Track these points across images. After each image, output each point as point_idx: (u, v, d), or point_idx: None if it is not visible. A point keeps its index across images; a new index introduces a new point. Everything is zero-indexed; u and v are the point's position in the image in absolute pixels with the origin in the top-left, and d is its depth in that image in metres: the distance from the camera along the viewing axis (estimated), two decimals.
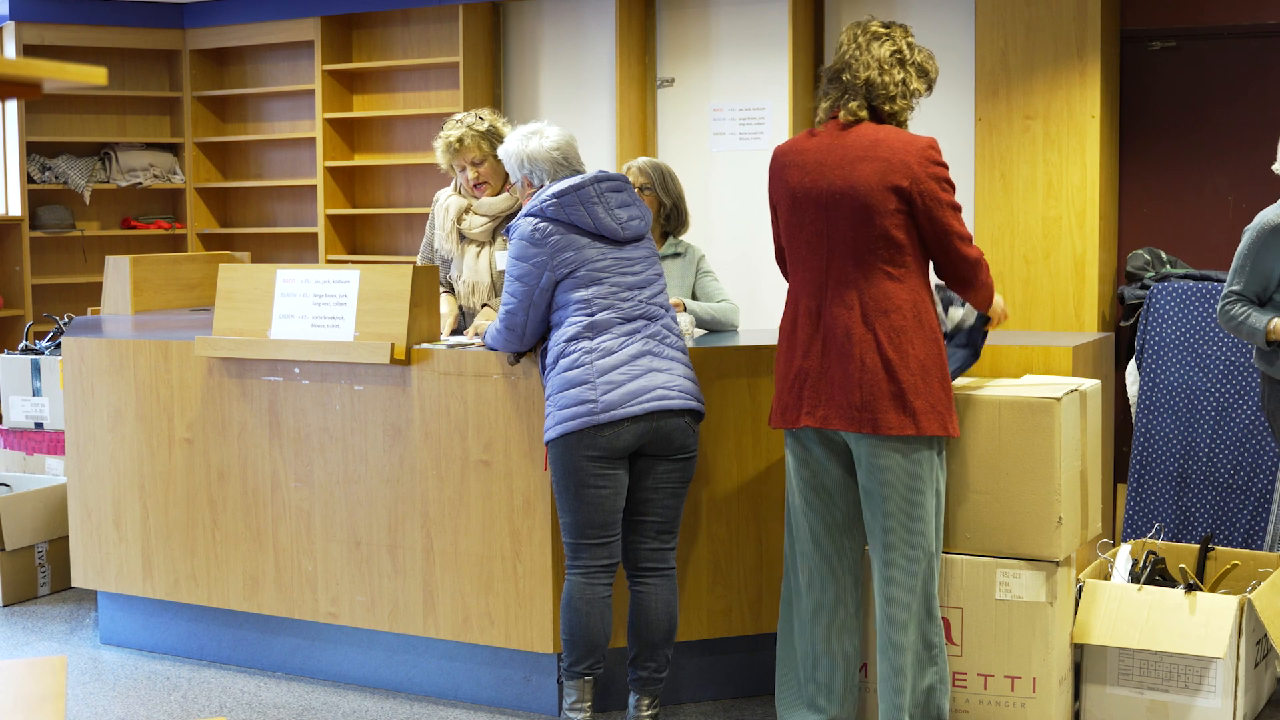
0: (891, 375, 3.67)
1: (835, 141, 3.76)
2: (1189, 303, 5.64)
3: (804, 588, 3.95)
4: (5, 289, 8.31)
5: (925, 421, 3.69)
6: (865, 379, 3.68)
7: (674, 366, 4.04)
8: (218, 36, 8.58)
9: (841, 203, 3.72)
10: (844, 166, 3.72)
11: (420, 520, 4.48)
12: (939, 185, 3.70)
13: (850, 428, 3.72)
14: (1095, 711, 4.17)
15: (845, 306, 3.72)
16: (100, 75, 1.89)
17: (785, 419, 3.86)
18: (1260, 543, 5.41)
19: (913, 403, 3.67)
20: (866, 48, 3.76)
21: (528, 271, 4.03)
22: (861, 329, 3.69)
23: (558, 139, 4.15)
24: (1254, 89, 6.03)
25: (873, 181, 3.67)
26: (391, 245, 8.40)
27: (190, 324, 5.40)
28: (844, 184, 3.71)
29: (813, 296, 3.79)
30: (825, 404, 3.75)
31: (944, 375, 3.75)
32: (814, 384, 3.77)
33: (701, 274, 4.95)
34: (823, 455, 3.86)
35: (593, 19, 7.48)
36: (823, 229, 3.75)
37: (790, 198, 3.83)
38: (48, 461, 6.27)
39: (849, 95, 3.77)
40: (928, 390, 3.69)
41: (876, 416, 3.69)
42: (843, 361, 3.71)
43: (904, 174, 3.67)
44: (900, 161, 3.67)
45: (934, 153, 3.72)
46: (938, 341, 3.75)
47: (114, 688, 4.75)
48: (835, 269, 3.74)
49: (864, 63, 3.75)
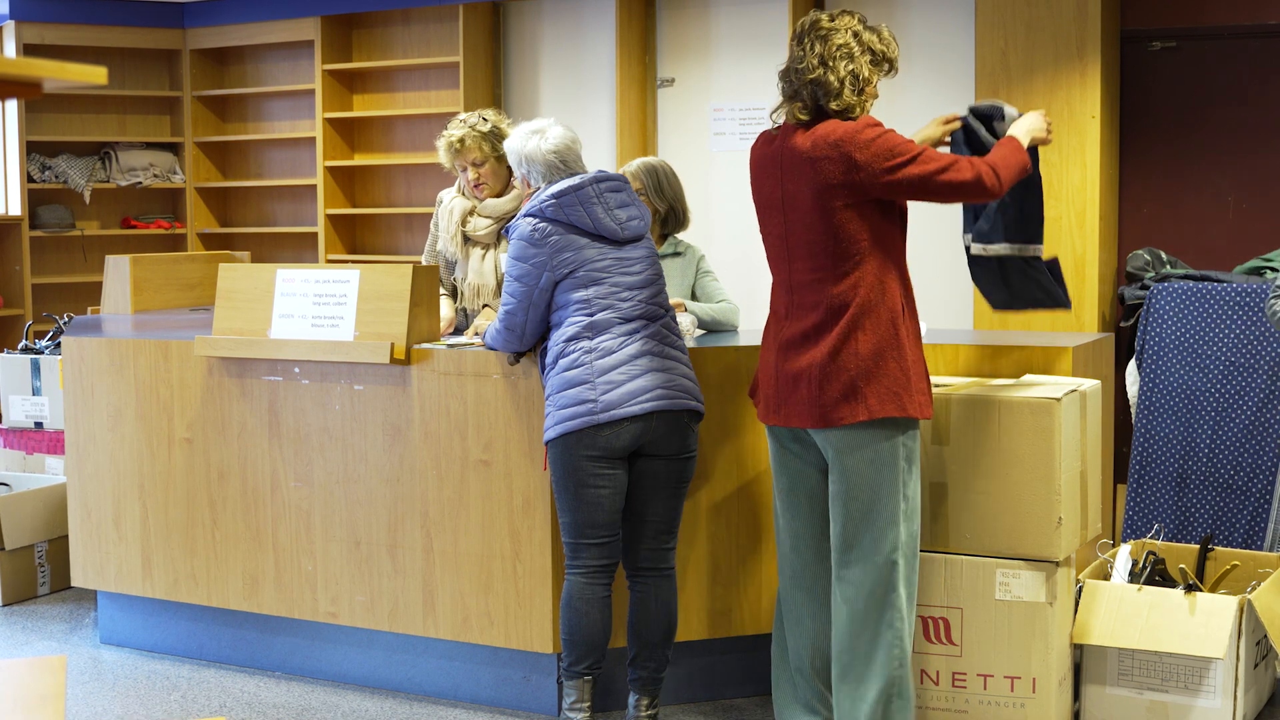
0: (841, 366, 3.64)
1: (784, 146, 3.73)
2: (1189, 303, 5.64)
3: (789, 589, 3.95)
4: (5, 288, 8.31)
5: (878, 405, 3.63)
6: (817, 374, 3.66)
7: (674, 366, 4.04)
8: (218, 36, 8.58)
9: (791, 209, 3.72)
10: (791, 171, 3.70)
11: (420, 520, 4.48)
12: (879, 158, 3.59)
13: (808, 423, 3.71)
14: (1095, 712, 4.17)
15: (806, 307, 3.72)
16: (100, 75, 1.89)
17: (764, 415, 3.88)
18: (1260, 543, 5.41)
19: (863, 388, 3.63)
20: (811, 47, 3.70)
21: (527, 272, 4.03)
22: (818, 328, 3.68)
23: (556, 142, 4.14)
24: (1254, 89, 6.03)
25: (816, 183, 3.64)
26: (391, 245, 8.40)
27: (190, 323, 5.40)
28: (793, 189, 3.70)
29: (781, 298, 3.82)
30: (788, 403, 3.75)
31: (903, 356, 3.66)
32: (780, 383, 3.77)
33: (701, 274, 4.94)
34: (797, 457, 3.86)
35: (593, 19, 7.48)
36: (782, 232, 3.77)
37: (756, 202, 3.86)
38: (47, 461, 6.27)
39: (795, 98, 3.73)
40: (880, 373, 3.63)
41: (828, 411, 3.66)
42: (800, 358, 3.71)
43: (842, 166, 3.60)
44: (838, 156, 3.60)
45: (865, 132, 3.61)
46: (894, 324, 3.65)
47: (113, 687, 4.75)
48: (796, 271, 3.75)
49: (808, 64, 3.69)
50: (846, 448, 3.69)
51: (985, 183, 3.67)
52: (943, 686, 4.13)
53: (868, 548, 3.71)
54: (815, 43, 3.70)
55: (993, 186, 3.68)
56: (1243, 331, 5.53)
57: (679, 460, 4.06)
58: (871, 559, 3.71)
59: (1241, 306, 5.53)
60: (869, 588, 3.72)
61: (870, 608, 3.73)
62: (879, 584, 3.72)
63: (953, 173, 3.64)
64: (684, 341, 4.17)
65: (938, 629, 4.09)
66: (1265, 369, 5.48)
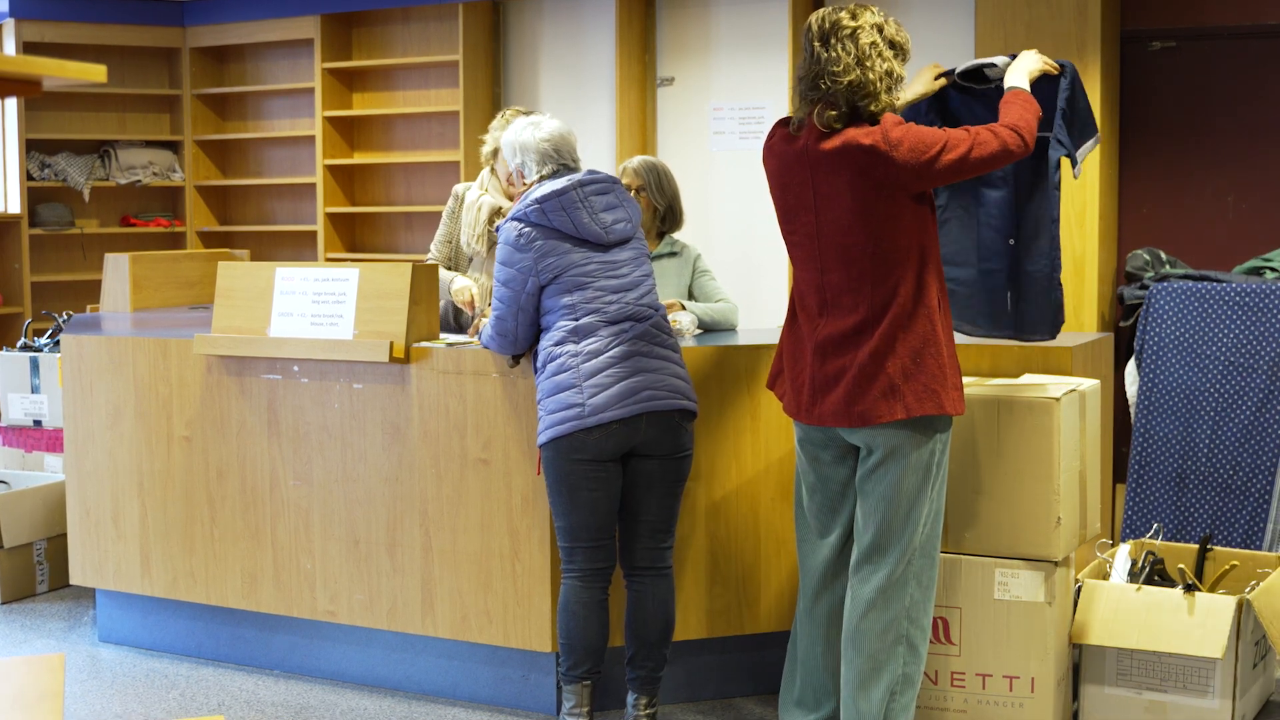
0: (882, 366, 3.62)
1: (813, 147, 3.65)
2: (1188, 303, 5.64)
3: (807, 586, 3.94)
4: (5, 286, 8.31)
5: (916, 403, 3.63)
6: (857, 374, 3.64)
7: (663, 366, 4.02)
8: (217, 34, 8.58)
9: (825, 210, 3.66)
10: (824, 173, 3.64)
11: (419, 519, 4.48)
12: (914, 154, 3.57)
13: (844, 423, 3.70)
14: (1093, 712, 4.17)
15: (845, 308, 3.68)
16: (100, 73, 1.89)
17: (790, 410, 3.83)
18: (1259, 543, 5.41)
19: (901, 387, 3.62)
20: (842, 48, 3.60)
21: (513, 276, 4.03)
22: (859, 328, 3.66)
23: (550, 131, 4.12)
24: (1254, 89, 6.03)
25: (855, 187, 3.60)
26: (391, 243, 8.40)
27: (189, 322, 5.40)
28: (827, 191, 3.64)
29: (811, 297, 3.76)
30: (822, 403, 3.73)
31: (940, 353, 3.65)
32: (816, 384, 3.74)
33: (699, 273, 4.93)
34: (827, 454, 3.84)
35: (593, 18, 7.48)
36: (812, 233, 3.71)
37: (780, 201, 3.79)
38: (46, 459, 6.26)
39: (827, 104, 3.63)
40: (919, 371, 3.62)
41: (866, 410, 3.65)
42: (840, 359, 3.69)
43: (881, 170, 3.57)
44: (875, 160, 3.57)
45: (893, 132, 3.59)
46: (931, 321, 3.65)
47: (112, 685, 4.75)
48: (831, 272, 3.69)
49: (845, 65, 3.59)
50: (881, 446, 3.69)
51: (1012, 147, 3.66)
52: (941, 686, 4.13)
53: (891, 545, 3.72)
54: (844, 43, 3.61)
55: (1019, 148, 3.67)
56: (1242, 331, 5.53)
57: (674, 460, 4.05)
58: (893, 556, 3.72)
59: (1241, 306, 5.53)
60: (884, 584, 3.72)
61: (885, 603, 3.72)
62: (896, 581, 3.72)
63: (980, 148, 3.63)
64: (676, 340, 4.14)
65: (936, 629, 4.09)
66: (1264, 369, 5.48)
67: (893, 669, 3.73)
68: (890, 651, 3.73)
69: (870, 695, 3.74)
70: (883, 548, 3.72)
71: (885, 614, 3.72)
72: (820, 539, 3.89)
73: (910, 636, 3.74)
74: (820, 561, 3.89)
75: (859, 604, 3.75)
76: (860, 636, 3.74)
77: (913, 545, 3.72)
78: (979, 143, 3.63)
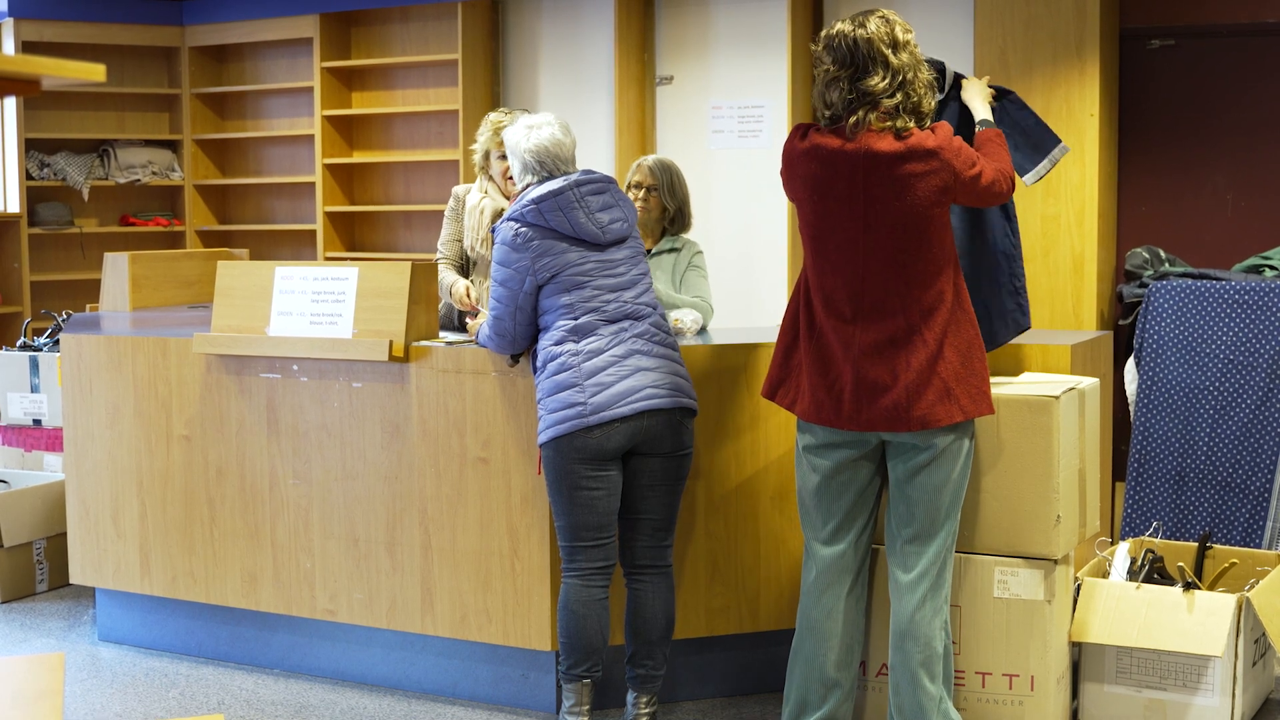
0: (936, 371, 3.68)
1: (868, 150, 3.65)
2: (1188, 301, 5.64)
3: (811, 582, 3.93)
4: (4, 286, 8.31)
5: (971, 405, 3.72)
6: (914, 379, 3.67)
7: (662, 365, 4.02)
8: (217, 33, 8.57)
9: (876, 214, 3.65)
10: (880, 177, 3.64)
11: (418, 517, 4.48)
12: (966, 165, 3.69)
13: (900, 428, 3.70)
14: (1093, 710, 4.17)
15: (887, 312, 3.69)
16: (99, 72, 1.89)
17: (820, 417, 3.78)
18: (1258, 541, 5.41)
19: (954, 389, 3.69)
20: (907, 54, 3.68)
21: (510, 276, 4.03)
22: (906, 333, 3.68)
23: (537, 142, 4.08)
24: (1254, 88, 6.03)
25: (919, 193, 3.63)
26: (390, 242, 8.40)
27: (189, 321, 5.40)
28: (881, 194, 3.64)
29: (844, 300, 3.72)
30: (869, 409, 3.71)
31: (982, 355, 3.78)
32: (859, 390, 3.72)
33: (691, 267, 4.90)
34: (854, 456, 3.82)
35: (592, 16, 7.48)
36: (854, 236, 3.68)
37: (817, 196, 3.73)
38: (46, 458, 6.26)
39: (895, 115, 3.66)
40: (969, 373, 3.72)
41: (925, 414, 3.68)
42: (888, 364, 3.69)
43: (946, 176, 3.65)
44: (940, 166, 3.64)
45: (953, 140, 3.70)
46: (973, 324, 3.76)
47: (112, 685, 4.75)
48: (873, 275, 3.69)
49: (923, 80, 3.71)
50: (935, 446, 3.73)
51: (1007, 192, 3.84)
52: None
53: (935, 535, 3.80)
54: (902, 51, 3.69)
55: (1007, 195, 3.85)
56: (1241, 329, 5.53)
57: (674, 458, 4.05)
58: (936, 545, 3.80)
59: (1240, 304, 5.53)
60: (934, 574, 3.80)
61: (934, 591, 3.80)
62: (939, 572, 3.81)
63: (996, 185, 3.79)
64: (675, 339, 4.15)
65: None
66: (1264, 367, 5.48)
67: (946, 650, 3.84)
68: (941, 635, 3.83)
69: (935, 679, 3.81)
70: (929, 538, 3.80)
71: (935, 601, 3.81)
72: (831, 541, 3.88)
73: (947, 617, 3.85)
74: (828, 563, 3.89)
75: (912, 598, 3.80)
76: (916, 628, 3.80)
77: (952, 534, 3.82)
78: (993, 179, 3.76)
